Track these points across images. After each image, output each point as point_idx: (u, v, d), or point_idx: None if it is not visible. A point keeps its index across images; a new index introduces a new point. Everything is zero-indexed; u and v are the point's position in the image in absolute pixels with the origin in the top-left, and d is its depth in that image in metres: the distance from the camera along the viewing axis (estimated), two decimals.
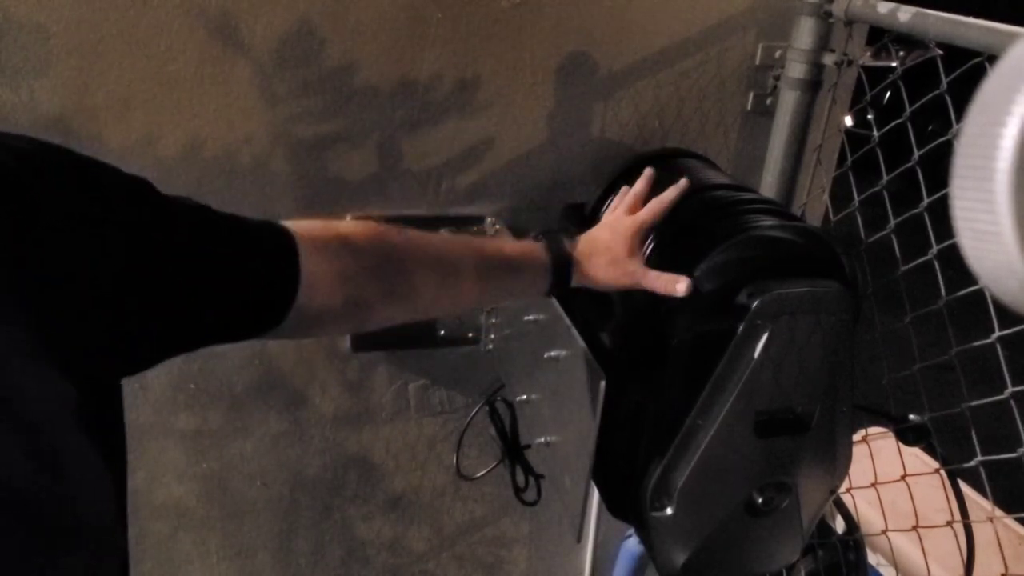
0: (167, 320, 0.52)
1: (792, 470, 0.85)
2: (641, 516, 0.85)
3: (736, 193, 0.89)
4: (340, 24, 1.00)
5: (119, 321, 0.48)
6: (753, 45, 1.15)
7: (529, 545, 1.51)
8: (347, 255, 0.63)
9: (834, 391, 0.82)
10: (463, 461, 1.33)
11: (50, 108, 0.95)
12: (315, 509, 1.34)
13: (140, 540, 1.28)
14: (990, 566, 1.01)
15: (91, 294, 0.46)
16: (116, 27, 0.94)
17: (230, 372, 1.18)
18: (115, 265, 0.47)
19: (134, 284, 0.49)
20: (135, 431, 1.18)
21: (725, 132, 1.20)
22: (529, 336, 1.02)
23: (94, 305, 0.46)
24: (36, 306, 0.42)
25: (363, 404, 1.27)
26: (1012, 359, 0.80)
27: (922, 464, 1.18)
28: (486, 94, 1.08)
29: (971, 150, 0.25)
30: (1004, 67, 0.25)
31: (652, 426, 0.81)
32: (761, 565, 0.92)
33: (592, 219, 1.01)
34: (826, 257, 0.80)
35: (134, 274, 0.48)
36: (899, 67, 1.01)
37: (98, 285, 0.46)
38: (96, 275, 0.46)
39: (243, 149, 1.04)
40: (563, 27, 1.07)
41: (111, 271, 0.47)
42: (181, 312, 0.52)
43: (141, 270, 0.49)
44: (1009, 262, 0.25)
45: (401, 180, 1.11)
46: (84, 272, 0.46)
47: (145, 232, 0.50)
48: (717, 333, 0.76)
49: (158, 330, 0.52)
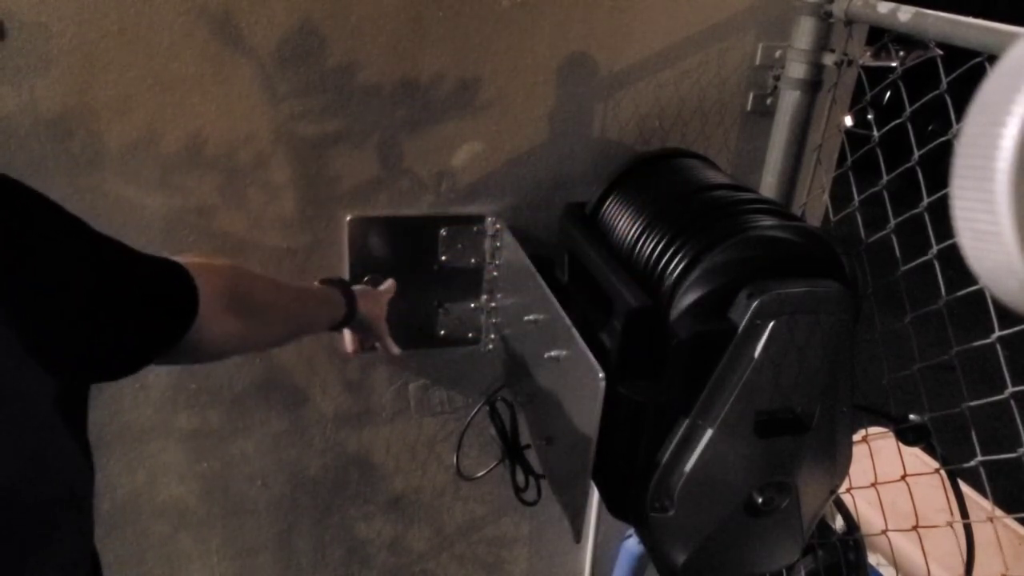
0: (105, 337, 0.58)
1: (792, 470, 0.85)
2: (641, 516, 0.85)
3: (736, 193, 0.89)
4: (341, 23, 1.00)
5: (83, 333, 0.55)
6: (753, 45, 1.15)
7: (529, 545, 1.51)
8: (226, 284, 0.73)
9: (834, 391, 0.82)
10: (463, 461, 1.33)
11: (51, 107, 0.95)
12: (315, 509, 1.34)
13: (140, 540, 1.28)
14: (990, 566, 1.01)
15: (63, 305, 0.52)
16: (117, 26, 0.94)
17: (230, 372, 1.18)
18: (77, 283, 0.54)
19: (91, 302, 0.55)
20: (135, 431, 1.19)
21: (725, 132, 1.20)
22: (529, 336, 1.02)
23: (65, 315, 0.52)
24: (22, 310, 0.48)
25: (363, 404, 1.27)
26: (1012, 359, 0.80)
27: (922, 464, 1.18)
28: (486, 94, 1.09)
29: (971, 150, 0.25)
30: (1004, 67, 0.25)
31: (652, 426, 0.81)
32: (761, 565, 0.92)
33: (592, 219, 1.01)
34: (826, 257, 0.80)
35: (89, 293, 0.56)
36: (899, 67, 1.01)
37: (66, 298, 0.53)
38: (66, 289, 0.53)
39: (244, 148, 1.04)
40: (563, 27, 1.07)
41: (75, 288, 0.54)
42: (112, 332, 0.59)
43: (92, 291, 0.56)
44: (1009, 262, 0.25)
45: (401, 180, 1.11)
46: (59, 284, 0.52)
47: (91, 261, 0.57)
48: (717, 333, 0.76)
49: (104, 347, 0.58)
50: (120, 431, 1.18)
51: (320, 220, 1.11)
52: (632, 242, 0.90)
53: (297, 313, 0.89)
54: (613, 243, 0.95)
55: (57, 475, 0.51)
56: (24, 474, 0.47)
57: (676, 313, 0.78)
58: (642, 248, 0.88)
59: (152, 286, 0.62)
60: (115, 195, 1.02)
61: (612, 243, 0.95)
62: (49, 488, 0.50)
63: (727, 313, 0.77)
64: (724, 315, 0.77)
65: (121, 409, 1.16)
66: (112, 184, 1.01)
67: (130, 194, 1.03)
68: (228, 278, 0.73)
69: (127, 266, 0.60)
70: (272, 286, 0.84)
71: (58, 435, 0.51)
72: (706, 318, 0.77)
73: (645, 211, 0.91)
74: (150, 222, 1.05)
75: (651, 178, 0.99)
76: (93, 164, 1.00)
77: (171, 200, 1.04)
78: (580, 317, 0.88)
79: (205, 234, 1.07)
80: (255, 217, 1.08)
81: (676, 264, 0.81)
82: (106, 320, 0.56)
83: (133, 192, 1.03)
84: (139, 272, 0.61)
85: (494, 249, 1.16)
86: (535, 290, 0.97)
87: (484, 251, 1.17)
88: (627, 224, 0.93)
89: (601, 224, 0.99)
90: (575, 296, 0.99)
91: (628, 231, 0.92)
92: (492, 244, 1.16)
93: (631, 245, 0.90)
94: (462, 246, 1.16)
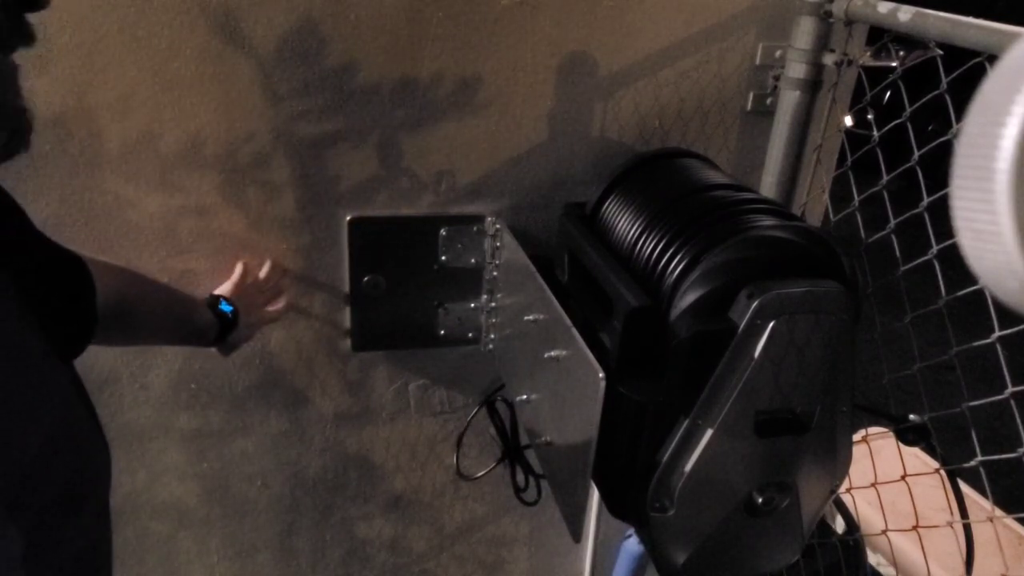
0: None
1: (792, 470, 0.85)
2: (641, 516, 0.85)
3: (736, 193, 0.89)
4: (341, 23, 1.00)
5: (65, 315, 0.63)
6: (753, 45, 1.15)
7: (529, 545, 1.51)
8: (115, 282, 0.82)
9: (834, 391, 0.82)
10: (463, 461, 1.33)
11: (50, 107, 0.95)
12: (315, 509, 1.34)
13: (140, 540, 1.28)
14: (990, 566, 1.01)
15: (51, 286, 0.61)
16: (116, 25, 0.94)
17: (230, 372, 1.18)
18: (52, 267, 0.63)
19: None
20: (135, 431, 1.19)
21: (725, 132, 1.20)
22: (529, 336, 1.02)
23: (53, 297, 0.61)
24: (21, 288, 0.53)
25: (363, 404, 1.27)
26: (1012, 359, 0.80)
27: (922, 464, 1.18)
28: (486, 94, 1.08)
29: (971, 150, 0.25)
30: (1004, 67, 0.25)
31: (652, 426, 0.81)
32: (761, 565, 0.92)
33: (592, 219, 1.01)
34: (826, 257, 0.80)
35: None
36: (899, 67, 1.01)
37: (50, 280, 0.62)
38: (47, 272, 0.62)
39: (244, 148, 1.04)
40: (563, 26, 1.07)
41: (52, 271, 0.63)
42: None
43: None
44: (1009, 262, 0.25)
45: (401, 179, 1.11)
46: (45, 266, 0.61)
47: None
48: (717, 333, 0.76)
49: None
50: (120, 431, 1.18)
51: (320, 220, 1.11)
52: (632, 242, 0.90)
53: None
54: (613, 243, 0.95)
55: (80, 450, 0.57)
56: (54, 447, 0.53)
57: (676, 313, 0.78)
58: (642, 248, 0.88)
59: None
60: (114, 195, 1.02)
61: (612, 243, 0.95)
62: (76, 462, 0.56)
63: (727, 313, 0.77)
64: (724, 315, 0.77)
65: (121, 409, 1.16)
66: (111, 184, 1.01)
67: (130, 194, 1.03)
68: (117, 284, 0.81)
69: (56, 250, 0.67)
70: (156, 304, 0.93)
71: (78, 414, 0.57)
72: (706, 318, 0.77)
73: (645, 211, 0.91)
74: (150, 222, 1.05)
75: (651, 178, 0.98)
76: (93, 164, 1.00)
77: (171, 200, 1.04)
78: (580, 317, 0.88)
79: (205, 234, 1.07)
80: (255, 217, 1.08)
81: (676, 264, 0.81)
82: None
83: (133, 192, 1.03)
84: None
85: (494, 249, 1.16)
86: (535, 290, 0.97)
87: (484, 251, 1.17)
88: (627, 224, 0.93)
89: (601, 224, 0.99)
90: (575, 296, 0.99)
91: (628, 231, 0.92)
92: (492, 244, 1.16)
93: (631, 245, 0.90)
94: (462, 246, 1.16)
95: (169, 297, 0.97)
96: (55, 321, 0.60)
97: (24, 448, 0.49)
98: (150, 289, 0.94)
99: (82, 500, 0.57)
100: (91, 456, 0.59)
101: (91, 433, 0.60)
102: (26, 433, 0.50)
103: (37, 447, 0.50)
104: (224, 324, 0.99)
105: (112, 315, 0.79)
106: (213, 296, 1.02)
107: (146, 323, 0.91)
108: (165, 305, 0.95)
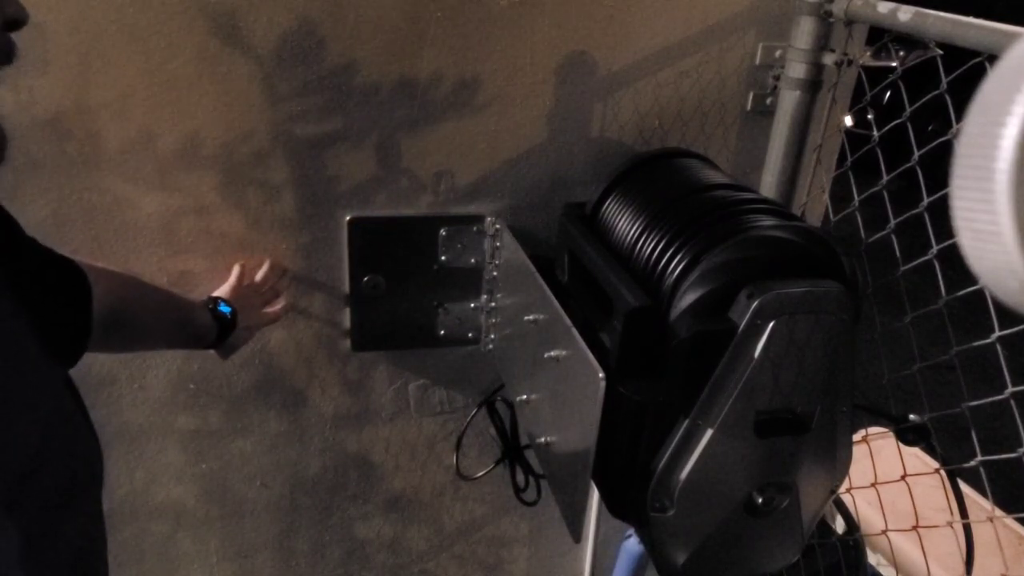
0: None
1: (792, 470, 0.85)
2: (641, 516, 0.84)
3: (736, 193, 0.89)
4: (340, 23, 1.00)
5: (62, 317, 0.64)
6: (753, 45, 1.14)
7: (529, 545, 1.51)
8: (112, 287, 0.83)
9: (834, 391, 0.82)
10: (463, 461, 1.33)
11: (49, 107, 0.95)
12: (315, 509, 1.34)
13: (140, 540, 1.28)
14: (990, 566, 1.01)
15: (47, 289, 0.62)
16: (115, 25, 0.94)
17: (230, 372, 1.18)
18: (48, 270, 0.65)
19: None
20: (133, 431, 1.18)
21: (725, 132, 1.20)
22: (529, 336, 1.02)
23: (49, 299, 0.62)
24: (20, 294, 0.53)
25: (363, 404, 1.27)
26: (1012, 359, 0.80)
27: (922, 464, 1.18)
28: (486, 94, 1.08)
29: (971, 150, 0.25)
30: (1004, 67, 0.25)
31: (652, 426, 0.81)
32: (761, 565, 0.92)
33: (592, 219, 1.01)
34: (826, 257, 0.80)
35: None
36: (899, 67, 1.01)
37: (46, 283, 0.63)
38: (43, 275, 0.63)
39: (242, 148, 1.04)
40: (563, 27, 1.07)
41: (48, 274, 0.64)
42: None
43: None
44: (1009, 262, 0.25)
45: (401, 180, 1.11)
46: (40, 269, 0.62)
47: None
48: (717, 333, 0.76)
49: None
50: (119, 431, 1.18)
51: (319, 220, 1.10)
52: (632, 242, 0.90)
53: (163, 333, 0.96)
54: (613, 243, 0.95)
55: (76, 450, 0.58)
56: (50, 446, 0.53)
57: (676, 313, 0.78)
58: (642, 248, 0.88)
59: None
60: (113, 195, 1.02)
61: (612, 243, 0.95)
62: (71, 461, 0.56)
63: (727, 313, 0.77)
64: (724, 315, 0.77)
65: (120, 409, 1.16)
66: (110, 184, 1.01)
67: (128, 194, 1.02)
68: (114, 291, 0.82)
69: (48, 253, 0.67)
70: (152, 296, 0.94)
71: (73, 414, 0.58)
72: (706, 318, 0.77)
73: (645, 211, 0.91)
74: (148, 222, 1.05)
75: (651, 178, 0.98)
76: (91, 164, 1.00)
77: (170, 200, 1.04)
78: (580, 317, 0.88)
79: (204, 234, 1.07)
80: (254, 217, 1.08)
81: (676, 264, 0.81)
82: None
83: (131, 192, 1.02)
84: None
85: (494, 249, 1.16)
86: (535, 290, 0.97)
87: (484, 251, 1.17)
88: (627, 224, 0.93)
89: (601, 224, 0.99)
90: (575, 296, 0.99)
91: (628, 231, 0.92)
92: (492, 244, 1.16)
93: (631, 245, 0.90)
94: (462, 246, 1.16)
95: (167, 300, 0.97)
96: (51, 324, 0.60)
97: (22, 447, 0.49)
98: (148, 292, 0.94)
99: (79, 499, 0.57)
100: (87, 456, 0.60)
101: (86, 433, 0.60)
102: (24, 432, 0.50)
103: (35, 446, 0.50)
104: (223, 326, 0.99)
105: (110, 320, 0.79)
106: (211, 298, 1.02)
107: (144, 327, 0.91)
108: (163, 308, 0.94)
